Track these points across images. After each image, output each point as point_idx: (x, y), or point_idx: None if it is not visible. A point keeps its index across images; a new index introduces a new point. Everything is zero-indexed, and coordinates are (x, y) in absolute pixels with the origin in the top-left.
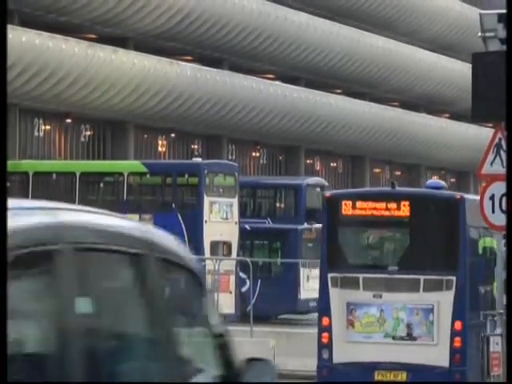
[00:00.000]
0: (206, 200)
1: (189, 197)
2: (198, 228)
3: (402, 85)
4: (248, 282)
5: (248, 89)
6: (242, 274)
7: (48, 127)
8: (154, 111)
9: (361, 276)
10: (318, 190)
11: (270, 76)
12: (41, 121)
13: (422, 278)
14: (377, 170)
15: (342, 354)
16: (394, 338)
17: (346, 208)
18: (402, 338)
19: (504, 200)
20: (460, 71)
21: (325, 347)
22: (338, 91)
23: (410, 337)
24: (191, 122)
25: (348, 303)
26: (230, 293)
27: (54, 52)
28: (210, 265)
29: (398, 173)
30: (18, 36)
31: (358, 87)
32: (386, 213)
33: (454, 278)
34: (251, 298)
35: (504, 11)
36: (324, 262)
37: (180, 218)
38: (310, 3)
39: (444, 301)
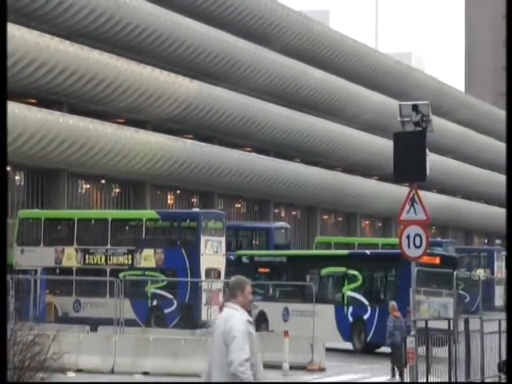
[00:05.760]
0: (202, 239)
1: (190, 236)
2: (197, 259)
3: (344, 155)
4: None
5: (232, 158)
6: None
7: (88, 186)
8: (165, 174)
9: None
10: (283, 231)
11: (248, 149)
12: (83, 181)
13: None
14: (325, 217)
15: None
16: None
17: None
18: None
19: (417, 238)
20: (385, 145)
21: None
22: (298, 160)
23: None
24: (192, 182)
25: None
26: (219, 305)
27: (93, 132)
28: (205, 285)
29: (340, 219)
30: (66, 120)
31: (312, 157)
32: None
33: None
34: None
35: (417, 102)
36: None
37: (183, 251)
38: (275, 95)
39: None
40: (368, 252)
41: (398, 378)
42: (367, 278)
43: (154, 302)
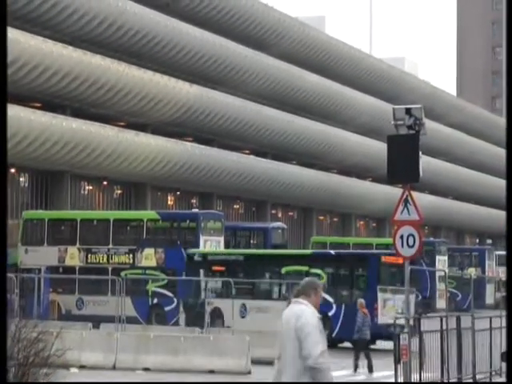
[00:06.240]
0: (202, 238)
1: (189, 236)
2: None
3: (339, 158)
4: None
5: (231, 161)
6: None
7: (91, 187)
8: (165, 176)
9: None
10: (280, 231)
11: (246, 151)
12: (86, 183)
13: None
14: (321, 218)
15: None
16: None
17: None
18: None
19: (410, 238)
20: (379, 148)
21: None
22: (294, 162)
23: None
24: (191, 183)
25: None
26: None
27: (95, 135)
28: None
29: (336, 219)
30: (69, 123)
31: (308, 159)
32: None
33: None
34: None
35: (410, 106)
36: None
37: (183, 251)
38: (272, 99)
39: None
40: (333, 252)
41: (357, 372)
42: (332, 277)
43: (155, 300)
